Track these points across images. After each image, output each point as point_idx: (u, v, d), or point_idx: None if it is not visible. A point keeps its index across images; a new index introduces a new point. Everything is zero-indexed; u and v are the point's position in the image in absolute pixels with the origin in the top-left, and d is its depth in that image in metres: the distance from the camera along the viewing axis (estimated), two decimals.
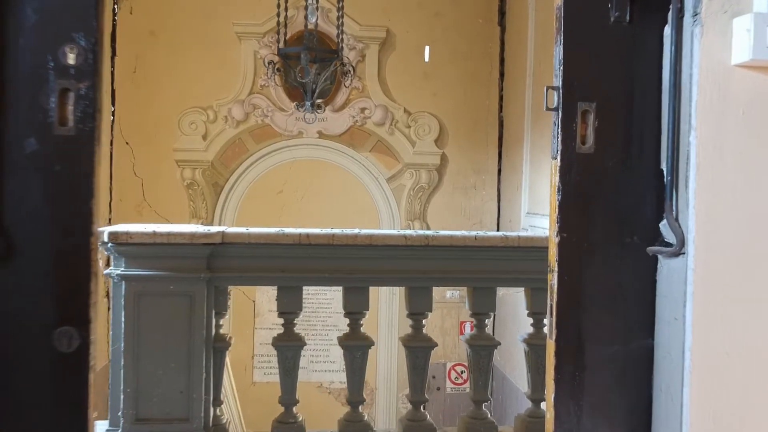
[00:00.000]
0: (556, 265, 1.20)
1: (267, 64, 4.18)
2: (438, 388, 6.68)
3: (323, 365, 6.55)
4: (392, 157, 6.65)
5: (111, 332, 2.12)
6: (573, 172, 1.25)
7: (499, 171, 6.73)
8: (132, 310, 2.07)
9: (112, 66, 6.37)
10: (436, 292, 6.55)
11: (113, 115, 6.39)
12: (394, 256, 2.18)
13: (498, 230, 6.70)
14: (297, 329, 2.27)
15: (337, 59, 3.94)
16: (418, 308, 2.26)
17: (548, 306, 1.22)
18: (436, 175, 6.69)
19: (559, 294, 1.17)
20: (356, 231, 2.17)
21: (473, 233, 2.20)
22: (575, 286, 1.21)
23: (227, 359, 3.77)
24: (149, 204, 6.43)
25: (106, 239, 2.03)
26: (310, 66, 3.91)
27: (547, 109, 1.32)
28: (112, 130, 6.38)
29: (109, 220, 6.37)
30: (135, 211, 6.42)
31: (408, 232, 2.17)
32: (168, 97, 6.43)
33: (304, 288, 2.15)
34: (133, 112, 6.40)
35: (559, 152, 1.36)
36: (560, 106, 1.41)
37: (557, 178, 1.32)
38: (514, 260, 2.22)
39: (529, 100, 5.84)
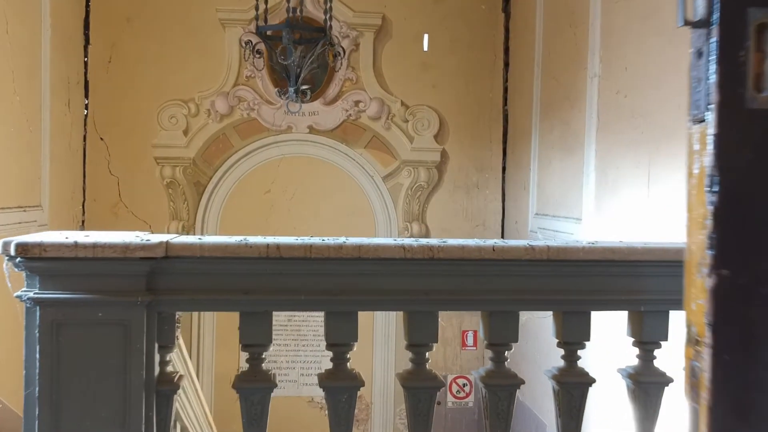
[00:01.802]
0: (710, 333, 0.63)
1: (244, 44, 3.68)
2: (438, 402, 6.19)
3: (314, 378, 6.05)
4: (389, 154, 6.17)
5: (24, 373, 1.63)
6: (742, 144, 0.67)
7: (504, 168, 6.26)
8: (49, 344, 1.58)
9: (85, 55, 5.88)
10: None
11: (86, 108, 5.90)
12: (391, 273, 1.69)
13: (503, 232, 6.23)
14: (283, 345, 1.78)
15: (325, 40, 3.44)
16: (420, 338, 1.78)
17: (690, 412, 0.69)
18: (435, 173, 6.21)
19: (716, 394, 0.61)
20: (341, 240, 1.69)
21: (490, 242, 1.72)
22: (750, 377, 0.63)
23: (197, 387, 3.28)
24: (125, 205, 5.94)
25: (13, 252, 1.55)
26: (294, 48, 3.42)
27: (686, 23, 0.69)
28: (85, 124, 5.90)
29: (83, 222, 5.88)
30: (110, 212, 5.94)
31: (407, 241, 1.69)
32: (146, 89, 5.94)
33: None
34: (108, 105, 5.91)
35: (712, 107, 0.70)
36: (713, 14, 0.69)
37: (706, 160, 0.70)
38: (543, 277, 1.74)
39: (537, 91, 5.37)
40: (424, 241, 1.73)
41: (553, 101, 5.05)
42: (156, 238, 1.65)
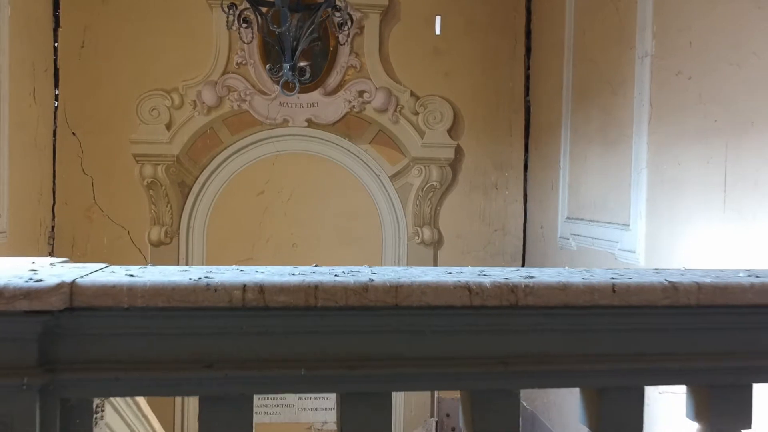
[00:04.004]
0: None
1: (227, 9, 3.01)
2: (453, 429, 5.54)
3: (313, 402, 5.40)
4: (396, 150, 5.51)
5: None
6: None
7: (526, 166, 5.60)
8: None
9: (55, 40, 5.21)
10: None
11: (56, 99, 5.23)
12: (446, 329, 1.04)
13: (524, 238, 5.57)
14: None
15: (327, 5, 2.77)
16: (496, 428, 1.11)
17: None
18: (449, 172, 5.54)
19: None
20: (365, 276, 1.04)
21: (603, 278, 1.06)
22: None
23: None
24: (101, 208, 5.27)
25: None
26: (291, 16, 2.75)
27: None
28: (55, 117, 5.22)
29: (52, 227, 5.21)
30: (84, 216, 5.26)
31: (472, 277, 1.03)
32: (124, 78, 5.27)
33: None
34: (80, 96, 5.23)
35: None
36: None
37: None
38: (687, 331, 1.09)
39: (568, 77, 4.71)
40: (498, 275, 1.07)
41: (589, 88, 4.39)
42: (55, 273, 0.98)
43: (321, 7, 2.77)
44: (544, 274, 1.12)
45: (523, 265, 5.58)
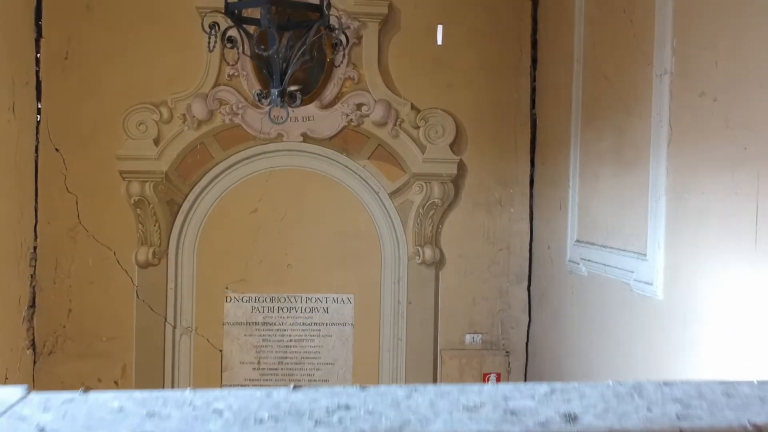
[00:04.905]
0: None
1: (209, 29, 2.76)
2: None
3: None
4: (396, 166, 5.25)
5: None
6: None
7: (532, 182, 5.34)
8: None
9: (37, 50, 4.96)
10: (454, 335, 5.17)
11: (39, 113, 4.98)
12: None
13: (530, 258, 5.32)
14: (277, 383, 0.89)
15: (321, 23, 2.51)
16: None
17: None
18: (451, 189, 5.29)
19: None
20: (356, 420, 0.78)
21: None
22: None
23: None
24: (85, 228, 5.01)
25: None
26: (278, 34, 2.50)
27: None
28: (37, 132, 4.97)
29: (34, 248, 4.96)
30: (67, 236, 5.01)
31: (498, 423, 0.76)
32: (109, 91, 5.02)
33: (282, 331, 0.83)
34: (64, 110, 4.98)
35: None
36: None
37: None
38: None
39: (577, 92, 4.45)
40: (530, 416, 0.82)
41: (600, 103, 4.14)
42: None
43: (314, 26, 2.51)
44: (585, 400, 0.87)
45: (529, 287, 5.33)
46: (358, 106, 5.19)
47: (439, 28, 5.23)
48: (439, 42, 5.25)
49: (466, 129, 5.30)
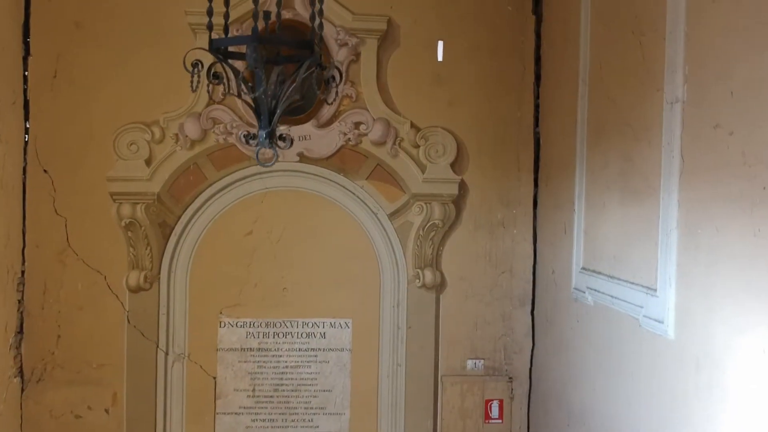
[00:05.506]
0: None
1: (191, 68, 2.61)
2: None
3: None
4: (396, 186, 5.10)
5: None
6: None
7: (535, 203, 5.18)
8: None
9: (25, 69, 4.81)
10: (455, 360, 5.00)
11: (27, 133, 4.83)
12: None
13: (534, 282, 5.16)
14: (268, 420, 0.76)
15: (312, 60, 2.34)
16: None
17: None
18: (452, 209, 5.13)
19: None
20: None
21: None
22: None
23: None
24: (75, 251, 4.86)
25: None
26: (266, 70, 2.34)
27: None
28: (25, 153, 4.82)
29: (22, 272, 4.82)
30: (56, 260, 4.87)
31: None
32: (100, 110, 4.87)
33: (278, 357, 0.73)
34: (53, 130, 4.83)
35: None
36: None
37: None
38: None
39: (582, 113, 4.30)
40: None
41: (606, 127, 3.98)
42: None
43: (304, 63, 2.35)
44: None
45: (532, 311, 5.17)
46: (357, 125, 5.03)
47: (440, 44, 5.08)
48: (440, 58, 5.10)
49: (468, 148, 5.15)
